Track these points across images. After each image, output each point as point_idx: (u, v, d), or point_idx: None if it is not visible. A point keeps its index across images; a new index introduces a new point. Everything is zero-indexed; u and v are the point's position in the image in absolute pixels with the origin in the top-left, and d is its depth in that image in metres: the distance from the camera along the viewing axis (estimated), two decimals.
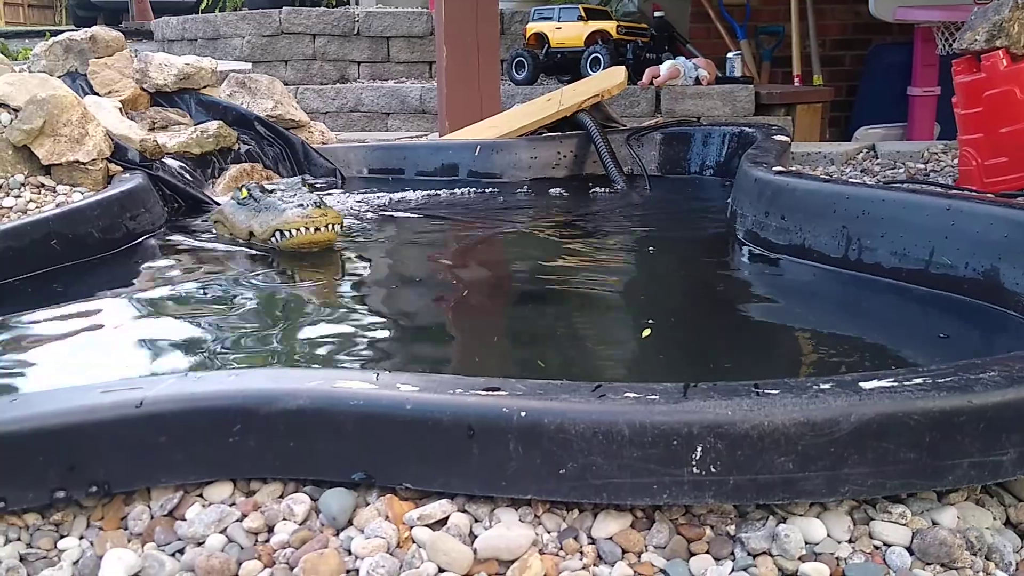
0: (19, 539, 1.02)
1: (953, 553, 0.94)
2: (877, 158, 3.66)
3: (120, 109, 3.19)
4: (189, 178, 3.00)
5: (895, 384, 0.98)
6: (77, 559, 0.99)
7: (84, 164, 2.74)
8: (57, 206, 2.48)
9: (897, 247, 1.93)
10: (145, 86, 3.50)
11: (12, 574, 0.96)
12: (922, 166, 3.44)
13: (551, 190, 3.34)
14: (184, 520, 1.02)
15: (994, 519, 1.02)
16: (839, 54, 6.17)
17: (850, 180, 3.07)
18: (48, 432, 1.02)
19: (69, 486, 1.02)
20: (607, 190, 3.30)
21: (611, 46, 4.89)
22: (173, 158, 3.03)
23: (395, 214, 2.98)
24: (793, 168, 3.04)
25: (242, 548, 0.99)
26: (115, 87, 3.43)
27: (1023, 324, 1.63)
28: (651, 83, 4.86)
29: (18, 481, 1.01)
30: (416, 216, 2.97)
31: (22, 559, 0.99)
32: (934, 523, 0.99)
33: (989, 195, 2.48)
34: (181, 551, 0.99)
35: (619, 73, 3.75)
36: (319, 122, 4.06)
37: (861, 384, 0.99)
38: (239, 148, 3.32)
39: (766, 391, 0.98)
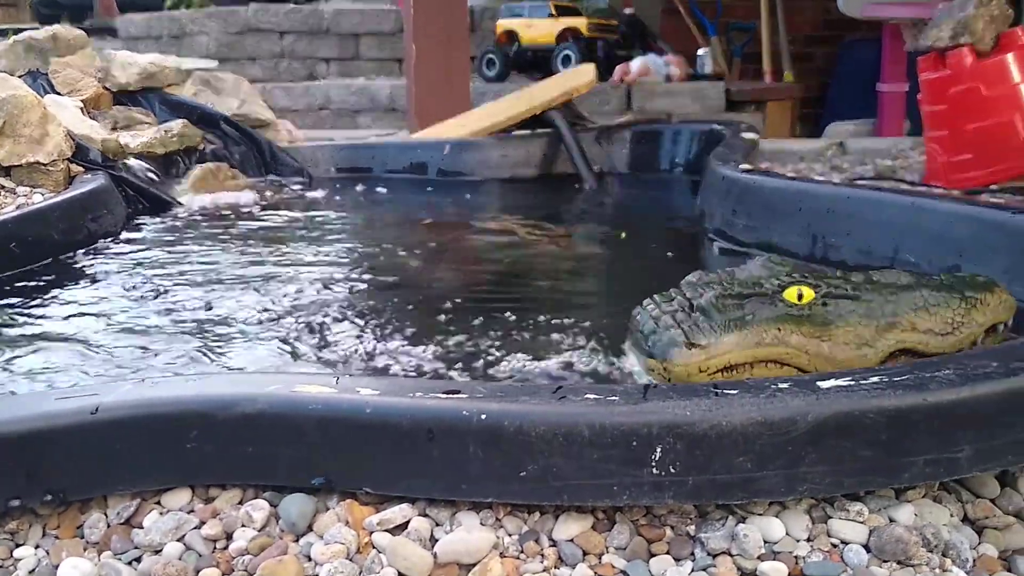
0: None
1: (910, 550, 0.94)
2: (846, 155, 3.69)
3: (82, 109, 3.16)
4: (153, 178, 2.97)
5: (852, 383, 0.99)
6: (33, 568, 0.98)
7: (45, 165, 2.71)
8: (17, 208, 2.44)
9: (862, 244, 1.94)
10: (108, 85, 3.47)
11: None
12: (891, 163, 3.47)
13: (520, 188, 3.34)
14: (141, 528, 1.01)
15: (951, 516, 1.02)
16: (810, 51, 6.21)
17: (816, 178, 3.09)
18: (3, 439, 1.00)
19: (25, 494, 1.01)
20: (577, 188, 3.31)
21: (582, 43, 4.90)
22: (137, 158, 3.00)
23: (363, 211, 2.97)
24: (761, 166, 3.06)
25: (200, 555, 0.98)
26: (77, 86, 3.39)
27: None
28: (622, 80, 4.87)
29: None
30: (385, 213, 2.96)
31: None
32: (891, 520, 0.99)
33: (953, 192, 2.50)
34: (138, 559, 0.98)
35: (589, 71, 3.75)
36: (286, 121, 4.03)
37: (818, 383, 0.99)
38: (204, 148, 3.29)
39: (725, 391, 0.99)
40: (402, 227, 2.89)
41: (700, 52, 5.26)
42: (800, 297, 1.32)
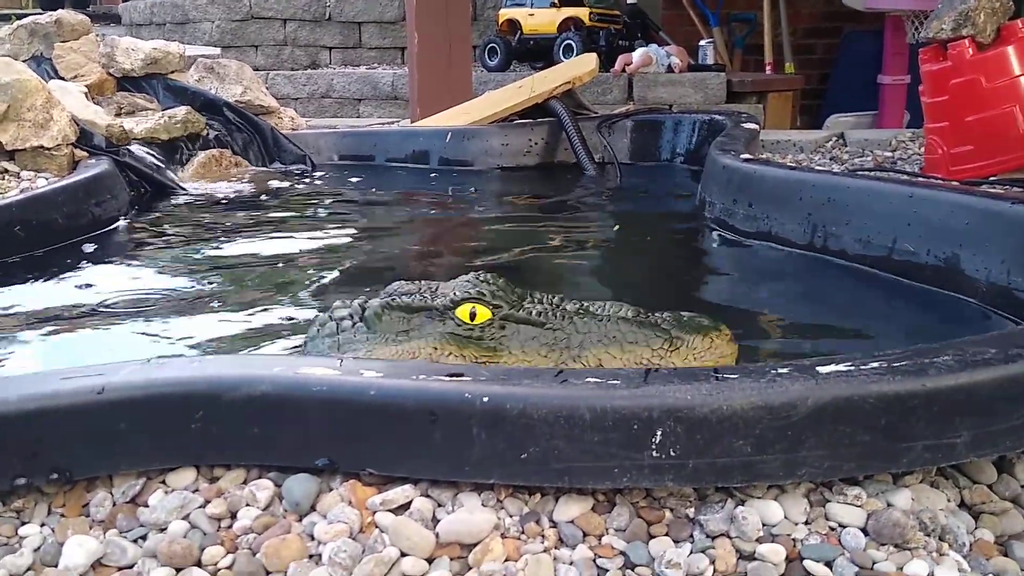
0: None
1: (907, 534, 0.96)
2: (846, 146, 3.70)
3: (86, 94, 3.16)
4: (157, 164, 2.98)
5: (851, 368, 1.00)
6: (38, 546, 0.99)
7: (49, 149, 2.71)
8: (21, 192, 2.45)
9: (861, 234, 1.95)
10: (112, 71, 3.47)
11: None
12: (890, 154, 3.48)
13: (522, 177, 3.35)
14: (147, 506, 1.02)
15: (948, 501, 1.04)
16: (811, 42, 6.21)
17: (816, 168, 3.10)
18: (9, 418, 1.01)
19: (30, 473, 1.02)
20: (578, 177, 3.31)
21: (584, 33, 4.90)
22: (140, 144, 3.00)
23: (366, 199, 2.98)
24: (761, 156, 3.06)
25: (205, 534, 0.99)
26: (81, 71, 3.39)
27: (981, 310, 1.66)
28: (623, 70, 4.87)
29: None
30: (387, 201, 2.97)
31: None
32: (889, 505, 1.00)
33: (952, 183, 2.51)
34: (144, 537, 0.99)
35: (591, 60, 3.75)
36: (289, 108, 4.03)
37: (818, 368, 1.00)
38: (208, 134, 3.30)
39: (725, 376, 1.00)
40: (402, 214, 2.90)
41: (702, 43, 5.26)
42: (473, 316, 1.25)
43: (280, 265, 2.17)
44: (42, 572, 0.95)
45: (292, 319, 1.74)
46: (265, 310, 1.81)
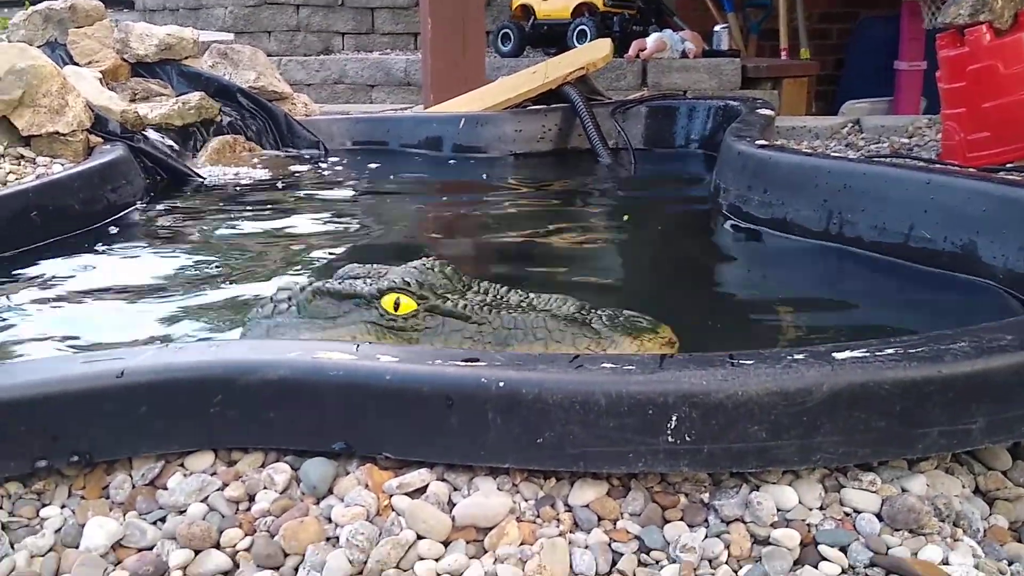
0: (1, 508, 1.02)
1: (921, 519, 0.96)
2: (862, 132, 3.68)
3: (100, 80, 3.17)
4: (171, 150, 2.99)
5: (867, 354, 1.00)
6: (59, 527, 1.00)
7: (64, 135, 2.73)
8: (37, 178, 2.47)
9: (877, 221, 1.94)
10: (126, 56, 3.48)
11: None
12: (906, 140, 3.46)
13: (535, 163, 3.35)
14: (165, 489, 1.03)
15: (963, 487, 1.04)
16: (826, 27, 6.17)
17: (832, 154, 3.08)
18: (30, 402, 1.02)
19: (51, 455, 1.03)
20: (592, 163, 3.31)
21: (598, 18, 4.88)
22: (154, 130, 3.01)
23: (379, 185, 2.98)
24: (777, 142, 3.05)
25: (223, 516, 1.00)
26: (95, 57, 3.40)
27: (998, 297, 1.65)
28: (637, 56, 4.85)
29: (0, 450, 1.01)
30: (400, 187, 2.97)
31: (4, 527, 1.00)
32: (904, 490, 1.00)
33: (969, 169, 2.49)
34: (163, 519, 1.00)
35: (604, 46, 3.74)
36: (302, 94, 4.04)
37: (834, 354, 1.00)
38: (221, 120, 3.30)
39: (741, 361, 1.00)
40: (415, 200, 2.90)
41: (716, 28, 5.23)
42: (397, 307, 1.26)
43: (293, 249, 2.18)
44: (63, 553, 0.97)
45: None
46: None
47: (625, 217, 2.56)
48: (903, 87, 5.15)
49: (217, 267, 2.00)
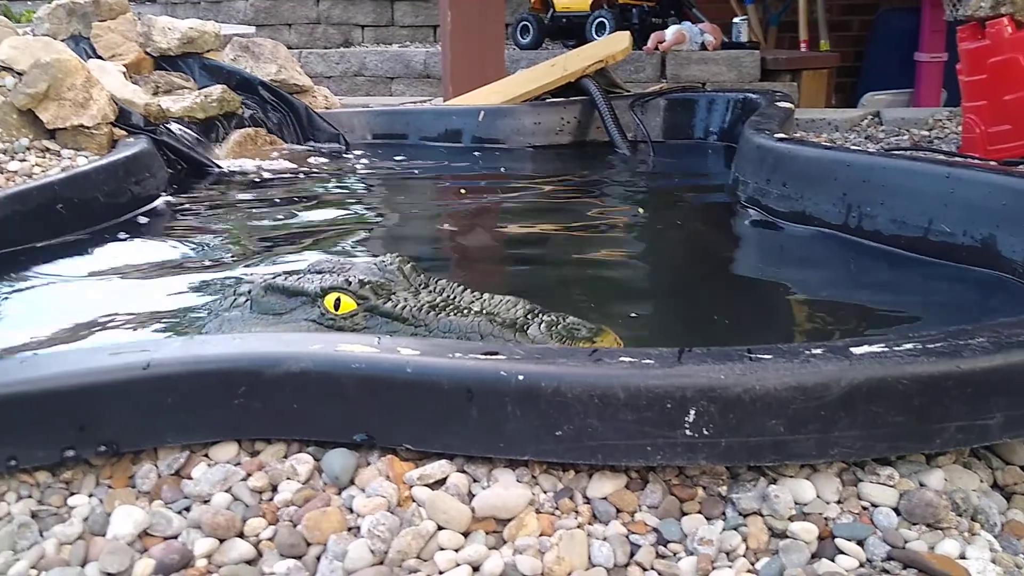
0: (31, 496, 1.04)
1: (939, 514, 0.96)
2: (882, 125, 3.66)
3: (124, 73, 3.20)
4: (194, 142, 3.01)
5: (885, 349, 1.00)
6: (87, 516, 1.02)
7: (89, 128, 2.75)
8: (62, 170, 2.49)
9: (897, 214, 1.94)
10: (149, 50, 3.51)
11: (24, 530, 0.99)
12: (927, 133, 3.44)
13: (554, 155, 3.35)
14: (190, 479, 1.05)
15: (981, 481, 1.04)
16: (846, 19, 6.13)
17: (851, 147, 3.07)
18: (58, 393, 1.04)
19: (79, 445, 1.05)
20: (611, 155, 3.31)
21: (616, 10, 4.87)
22: (177, 123, 3.04)
23: (398, 178, 3.00)
24: (796, 135, 3.04)
25: (247, 506, 1.01)
26: (119, 51, 3.43)
27: (1017, 291, 1.65)
28: (656, 48, 4.84)
29: (29, 440, 1.03)
30: (419, 180, 2.99)
31: (34, 515, 1.02)
32: (921, 485, 1.01)
33: (990, 163, 2.48)
34: (188, 509, 1.02)
35: (623, 38, 3.73)
36: (322, 86, 4.06)
37: (852, 349, 1.01)
38: (243, 113, 3.33)
39: (759, 356, 1.00)
40: (433, 193, 2.92)
41: (736, 20, 5.21)
42: (337, 306, 1.29)
43: (312, 241, 2.20)
44: (91, 541, 0.99)
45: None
46: None
47: (640, 210, 2.56)
48: (923, 79, 5.12)
49: (237, 257, 2.02)
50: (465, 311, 1.28)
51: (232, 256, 2.05)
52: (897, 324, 1.64)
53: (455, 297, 1.32)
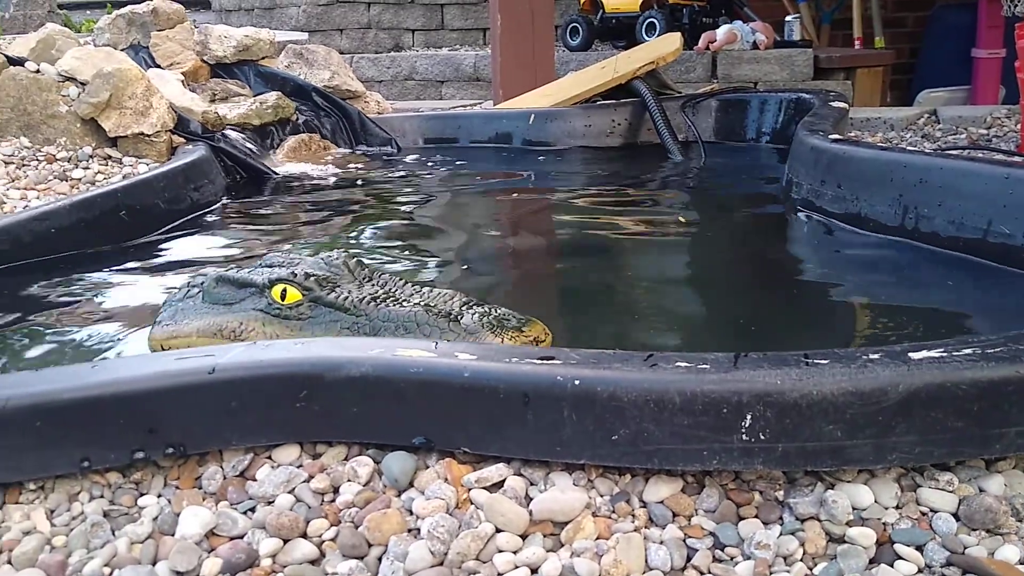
0: (103, 496, 1.08)
1: (999, 519, 0.96)
2: (939, 123, 3.61)
3: (182, 81, 3.27)
4: (250, 149, 3.07)
5: (944, 354, 1.00)
6: (156, 515, 1.05)
7: (149, 136, 2.82)
8: (124, 177, 2.56)
9: (954, 216, 1.91)
10: (205, 58, 3.58)
11: (97, 529, 1.02)
12: (985, 131, 3.39)
13: (604, 158, 3.36)
14: (255, 480, 1.08)
15: None
16: (901, 15, 6.04)
17: (907, 148, 3.03)
18: (128, 396, 1.07)
19: (148, 447, 1.08)
20: (662, 158, 3.30)
21: (667, 11, 4.85)
22: (233, 129, 3.10)
23: (450, 181, 3.02)
24: (850, 135, 3.01)
25: (309, 507, 1.04)
26: (176, 59, 3.51)
27: None
28: (707, 48, 4.81)
29: (101, 442, 1.07)
30: (470, 183, 3.01)
31: (106, 515, 1.05)
32: (981, 490, 1.00)
33: None
34: (252, 510, 1.05)
35: (674, 39, 3.72)
36: (375, 92, 4.11)
37: (910, 354, 1.00)
38: (297, 119, 3.38)
39: (815, 361, 1.00)
40: (484, 196, 2.93)
41: (788, 18, 5.15)
42: (284, 296, 1.35)
43: (368, 246, 2.23)
44: (160, 540, 1.02)
45: None
46: None
47: (690, 213, 2.56)
48: (981, 76, 5.02)
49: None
50: (404, 302, 1.35)
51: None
52: (956, 328, 1.62)
53: (396, 290, 1.39)
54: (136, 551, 1.01)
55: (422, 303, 1.34)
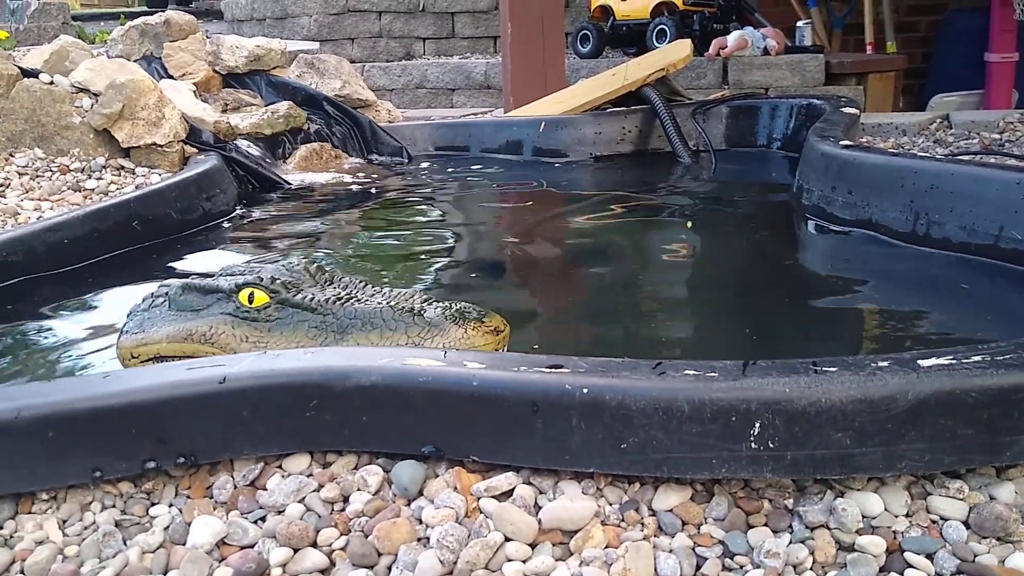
0: (114, 506, 1.09)
1: (1009, 527, 0.95)
2: (951, 128, 3.60)
3: (194, 92, 3.29)
4: (261, 159, 3.08)
5: (953, 362, 0.99)
6: (168, 525, 1.06)
7: (161, 146, 2.84)
8: (137, 188, 2.58)
9: (966, 222, 1.91)
10: (217, 68, 3.60)
11: (109, 538, 1.03)
12: (997, 136, 3.37)
13: (615, 165, 3.36)
14: (265, 490, 1.08)
15: None
16: (913, 20, 6.02)
17: (918, 154, 3.02)
18: (139, 406, 1.08)
19: (159, 457, 1.09)
20: (673, 164, 3.30)
21: (677, 17, 4.85)
22: (245, 139, 3.11)
23: (461, 189, 3.03)
24: (862, 141, 3.00)
25: (320, 516, 1.04)
26: (189, 70, 3.53)
27: None
28: (718, 54, 4.81)
29: (113, 452, 1.08)
30: (481, 191, 3.02)
31: (117, 524, 1.06)
32: (991, 498, 1.00)
33: None
34: (263, 519, 1.05)
35: (685, 46, 3.73)
36: (386, 100, 4.12)
37: (919, 362, 1.00)
38: (309, 128, 3.40)
39: (824, 368, 1.00)
40: (495, 204, 2.94)
41: (799, 24, 5.15)
42: (251, 300, 1.37)
43: (380, 255, 2.24)
44: (172, 550, 1.02)
45: None
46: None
47: (688, 224, 2.55)
48: (994, 80, 5.00)
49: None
50: (367, 301, 1.37)
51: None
52: (966, 335, 1.61)
53: (357, 291, 1.41)
54: (148, 560, 1.01)
55: (384, 302, 1.37)
